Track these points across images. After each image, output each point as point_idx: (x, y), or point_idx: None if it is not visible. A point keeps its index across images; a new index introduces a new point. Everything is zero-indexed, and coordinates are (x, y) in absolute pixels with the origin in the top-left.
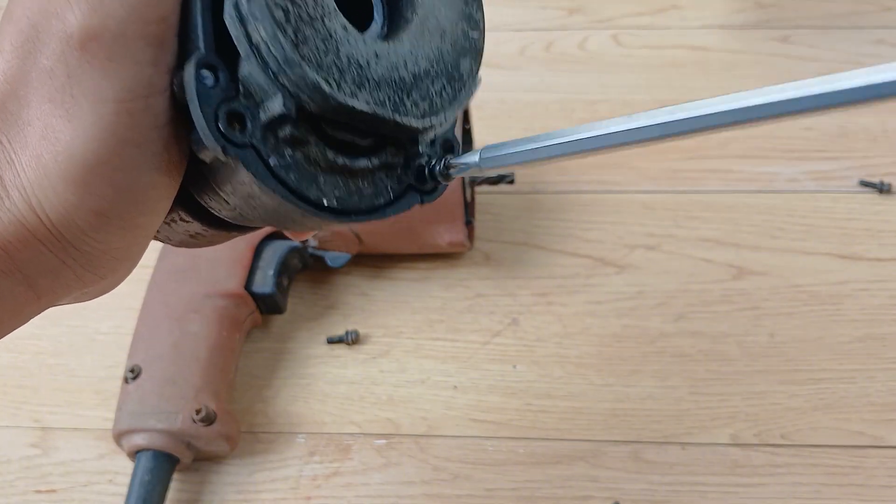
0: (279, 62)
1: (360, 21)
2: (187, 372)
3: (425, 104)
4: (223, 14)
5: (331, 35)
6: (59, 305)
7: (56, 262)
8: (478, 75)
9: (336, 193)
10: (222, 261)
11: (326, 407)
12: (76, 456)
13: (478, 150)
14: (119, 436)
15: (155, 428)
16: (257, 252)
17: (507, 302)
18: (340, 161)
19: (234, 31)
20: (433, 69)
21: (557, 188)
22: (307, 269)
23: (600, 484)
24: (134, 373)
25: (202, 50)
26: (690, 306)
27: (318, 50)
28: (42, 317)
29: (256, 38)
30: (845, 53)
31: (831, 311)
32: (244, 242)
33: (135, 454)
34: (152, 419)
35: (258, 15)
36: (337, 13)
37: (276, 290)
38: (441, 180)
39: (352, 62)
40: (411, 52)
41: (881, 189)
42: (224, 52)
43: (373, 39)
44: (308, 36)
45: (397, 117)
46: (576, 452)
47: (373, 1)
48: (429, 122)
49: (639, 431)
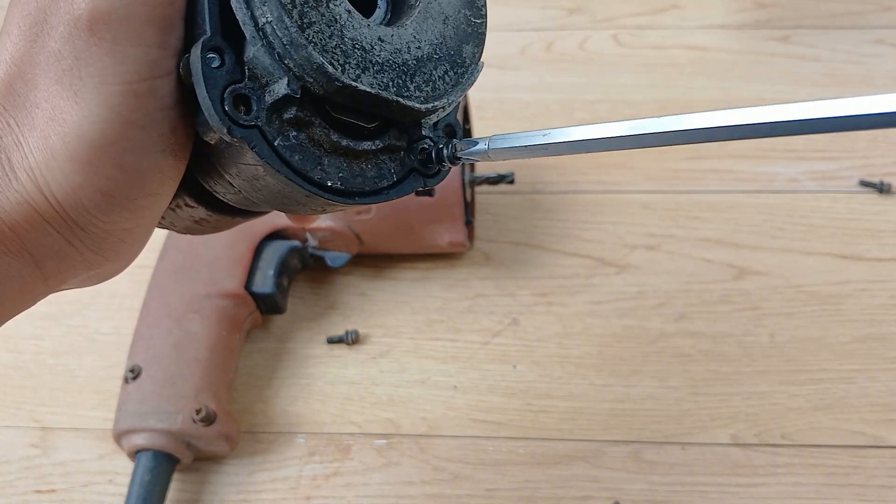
0: (284, 44)
1: (365, 8)
2: (187, 372)
3: (428, 88)
4: None
5: (335, 19)
6: (66, 289)
7: (63, 243)
8: (480, 60)
9: (340, 175)
10: (222, 261)
11: (326, 407)
12: (76, 456)
13: (487, 138)
14: (119, 436)
15: (155, 428)
16: (257, 252)
17: (508, 302)
18: (344, 143)
19: (241, 15)
20: (436, 54)
21: (557, 188)
22: (307, 269)
23: (600, 484)
24: (134, 373)
25: (209, 33)
26: (691, 306)
27: (323, 33)
28: (43, 317)
29: (262, 21)
30: (845, 53)
31: (831, 311)
32: (244, 242)
33: (135, 454)
34: (152, 419)
35: None
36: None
37: (276, 290)
38: (448, 164)
39: (356, 46)
40: (414, 37)
41: (881, 189)
42: (230, 36)
43: (376, 24)
44: (313, 20)
45: (401, 99)
46: (576, 452)
47: None
48: (432, 105)
49: (639, 431)
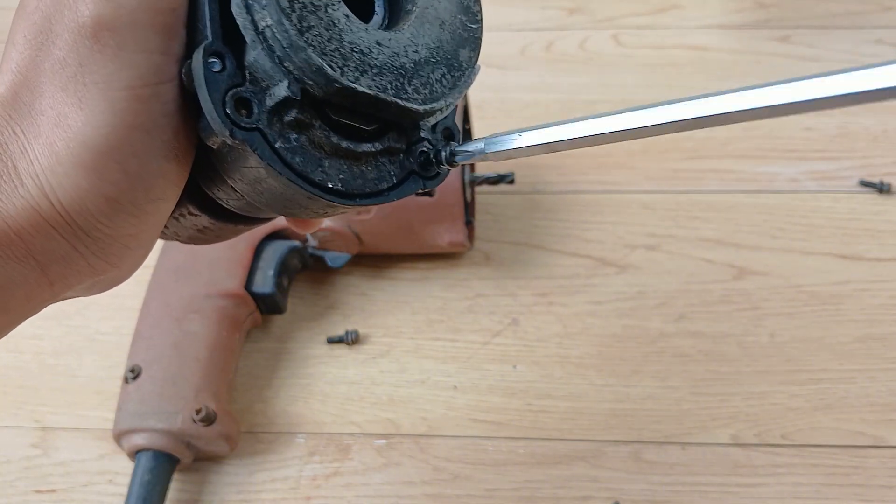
0: (284, 47)
1: (363, 14)
2: (187, 372)
3: (426, 91)
4: (230, 4)
5: (334, 23)
6: (72, 297)
7: (68, 249)
8: (477, 64)
9: (340, 177)
10: (222, 261)
11: (326, 407)
12: (76, 456)
13: (483, 138)
14: (119, 436)
15: (155, 428)
16: (257, 252)
17: (508, 302)
18: (344, 145)
19: (241, 19)
20: (433, 57)
21: (557, 188)
22: (307, 269)
23: (600, 484)
24: (134, 373)
25: (210, 38)
26: (691, 306)
27: (322, 37)
28: (43, 317)
29: (262, 25)
30: (845, 53)
31: (832, 312)
32: (244, 242)
33: (135, 454)
34: (152, 419)
35: (264, 2)
36: (339, 3)
37: (276, 290)
38: (446, 166)
39: (354, 49)
40: (412, 41)
41: (881, 189)
42: (231, 41)
43: (374, 29)
44: (312, 24)
45: (399, 101)
46: (576, 452)
47: None
48: (430, 107)
49: (639, 431)
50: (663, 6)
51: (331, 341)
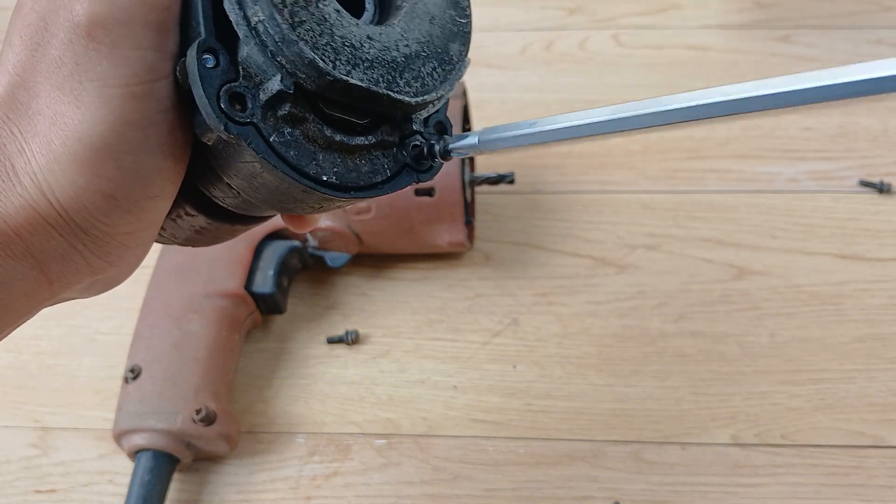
0: (276, 41)
1: (354, 10)
2: (187, 372)
3: (417, 84)
4: (223, 1)
5: (325, 18)
6: (71, 298)
7: (66, 247)
8: (467, 57)
9: (334, 170)
10: (222, 261)
11: (326, 407)
12: (76, 456)
13: (476, 132)
14: (119, 436)
15: (155, 428)
16: (257, 252)
17: (508, 302)
18: (338, 138)
19: (234, 16)
20: (424, 51)
21: (557, 188)
22: (307, 269)
23: (600, 484)
24: (134, 373)
25: (203, 35)
26: (691, 306)
27: (313, 31)
28: (43, 317)
29: (255, 20)
30: (845, 53)
31: (831, 311)
32: (244, 242)
33: (135, 454)
34: (152, 419)
35: None
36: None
37: (276, 290)
38: (440, 159)
39: (346, 43)
40: (402, 36)
41: (881, 189)
42: (224, 38)
43: (365, 24)
44: (303, 18)
45: (391, 93)
46: (576, 452)
47: None
48: (421, 99)
49: (639, 431)
50: (663, 6)
51: (331, 341)
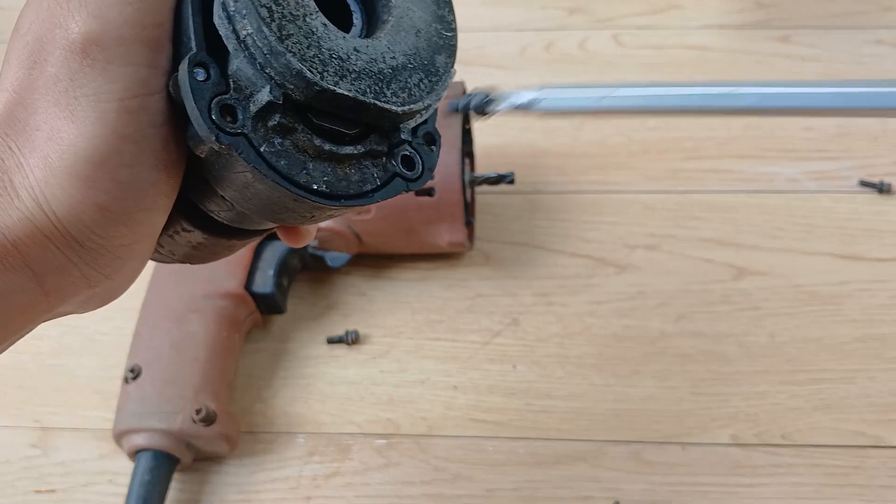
0: (265, 53)
1: (341, 26)
2: (187, 372)
3: (404, 94)
4: (213, 17)
5: (312, 32)
6: (68, 312)
7: (63, 259)
8: (453, 69)
9: (325, 178)
10: (222, 261)
11: (326, 407)
12: (76, 456)
13: (535, 89)
14: (119, 436)
15: (155, 428)
16: (257, 252)
17: (508, 302)
18: (327, 147)
19: (223, 30)
20: (410, 63)
21: (557, 188)
22: (307, 269)
23: (601, 484)
24: (134, 373)
25: (194, 49)
26: (691, 306)
27: (301, 44)
28: None
29: (244, 34)
30: (845, 53)
31: (831, 312)
32: None
33: (135, 454)
34: (152, 419)
35: (244, 12)
36: (317, 12)
37: (276, 290)
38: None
39: (333, 56)
40: (389, 48)
41: (881, 189)
42: (215, 53)
43: (352, 37)
44: (291, 32)
45: (378, 102)
46: (576, 453)
47: (351, 8)
48: (408, 108)
49: (639, 432)
50: (663, 6)
51: (331, 341)
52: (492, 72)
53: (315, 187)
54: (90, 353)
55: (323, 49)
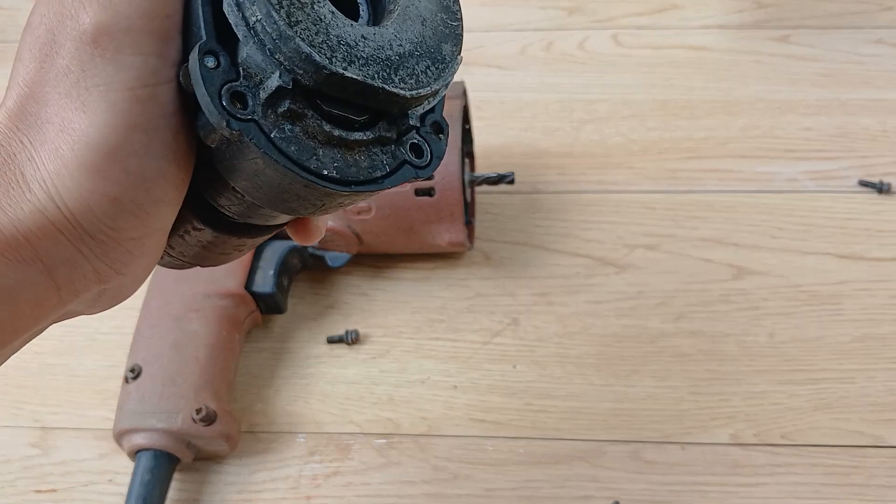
0: (274, 39)
1: (348, 15)
2: (187, 372)
3: (412, 80)
4: (222, 5)
5: (320, 19)
6: (79, 313)
7: (73, 252)
8: (459, 56)
9: (335, 164)
10: None
11: (326, 407)
12: (76, 456)
13: None
14: (119, 435)
15: (155, 427)
16: (257, 252)
17: (507, 302)
18: (337, 133)
19: (233, 17)
20: (417, 51)
21: (557, 188)
22: (307, 269)
23: (600, 484)
24: (134, 372)
25: (204, 38)
26: (690, 306)
27: (309, 31)
28: None
29: (253, 20)
30: (845, 53)
31: (831, 311)
32: None
33: (135, 454)
34: (153, 419)
35: None
36: (325, 0)
37: (276, 290)
38: (437, 158)
39: (341, 42)
40: (395, 36)
41: (881, 189)
42: (224, 42)
43: (360, 25)
44: (299, 18)
45: (385, 86)
46: (576, 452)
47: (358, 0)
48: (416, 93)
49: (639, 431)
50: (663, 6)
51: (331, 341)
52: (492, 72)
53: (325, 173)
54: (91, 353)
55: (331, 35)
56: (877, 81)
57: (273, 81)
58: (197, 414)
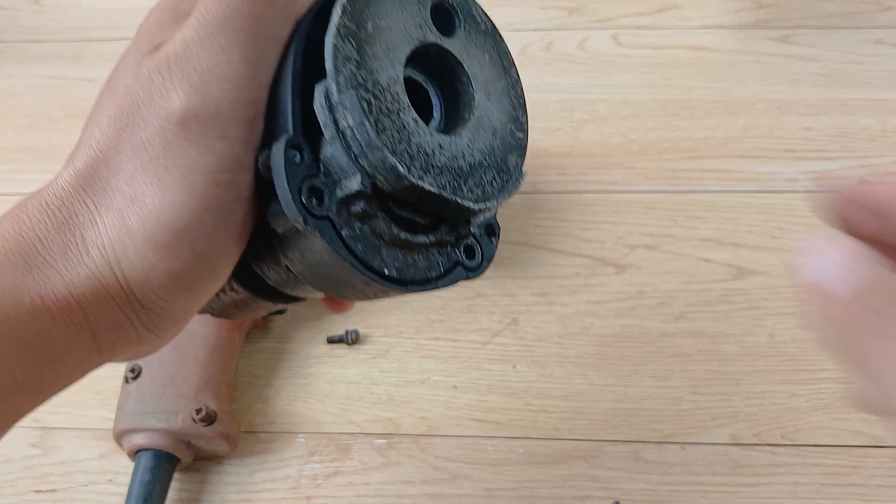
0: (362, 146)
1: (423, 115)
2: (187, 371)
3: (479, 191)
4: (313, 102)
5: (404, 126)
6: (112, 361)
7: (122, 319)
8: (524, 170)
9: (395, 265)
10: None
11: (326, 407)
12: (76, 456)
13: None
14: (119, 435)
15: (155, 427)
16: None
17: (507, 302)
18: (402, 236)
19: (323, 118)
20: (486, 161)
21: (557, 188)
22: None
23: (600, 483)
24: (134, 372)
25: (291, 132)
26: (690, 306)
27: (394, 138)
28: None
29: (343, 125)
30: (845, 53)
31: None
32: None
33: (135, 454)
34: (153, 419)
35: (347, 105)
36: (410, 108)
37: None
38: (488, 262)
39: (420, 150)
40: (468, 146)
41: None
42: (307, 135)
43: (437, 132)
44: (386, 126)
45: (458, 199)
46: (576, 452)
47: (432, 100)
48: (483, 206)
49: (639, 431)
50: (663, 6)
51: (331, 341)
52: None
53: (386, 272)
54: None
55: (412, 143)
56: (877, 81)
57: (353, 184)
58: (197, 414)
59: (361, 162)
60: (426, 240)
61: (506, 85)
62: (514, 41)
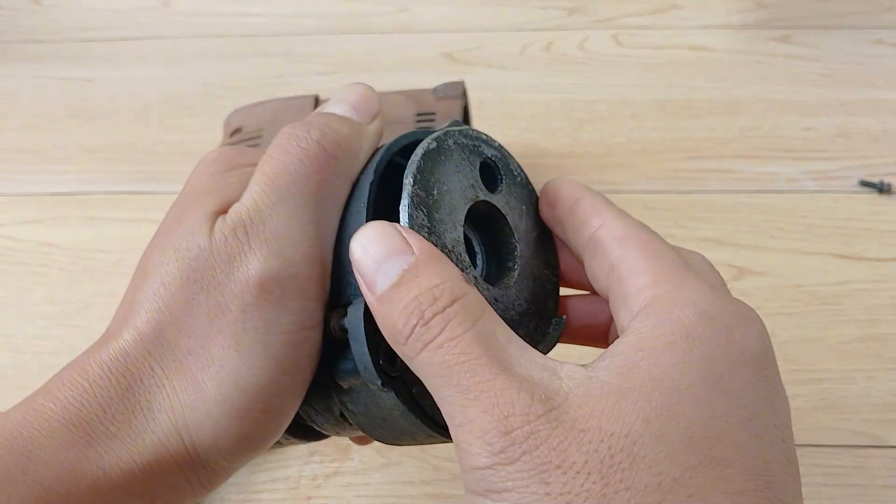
0: None
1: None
2: None
3: (528, 339)
4: None
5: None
6: None
7: (181, 481)
8: (563, 316)
9: None
10: None
11: None
12: None
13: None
14: None
15: None
16: None
17: None
18: None
19: None
20: (531, 309)
21: None
22: None
23: None
24: None
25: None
26: None
27: None
28: (43, 317)
29: None
30: (845, 53)
31: (831, 311)
32: None
33: None
34: None
35: None
36: (472, 267)
37: None
38: None
39: None
40: (517, 295)
41: (881, 189)
42: None
43: (491, 287)
44: None
45: None
46: None
47: (475, 249)
48: None
49: None
50: (663, 6)
51: None
52: (492, 72)
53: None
54: None
55: None
56: (877, 81)
57: None
58: None
59: None
60: None
61: (541, 233)
62: (514, 41)
